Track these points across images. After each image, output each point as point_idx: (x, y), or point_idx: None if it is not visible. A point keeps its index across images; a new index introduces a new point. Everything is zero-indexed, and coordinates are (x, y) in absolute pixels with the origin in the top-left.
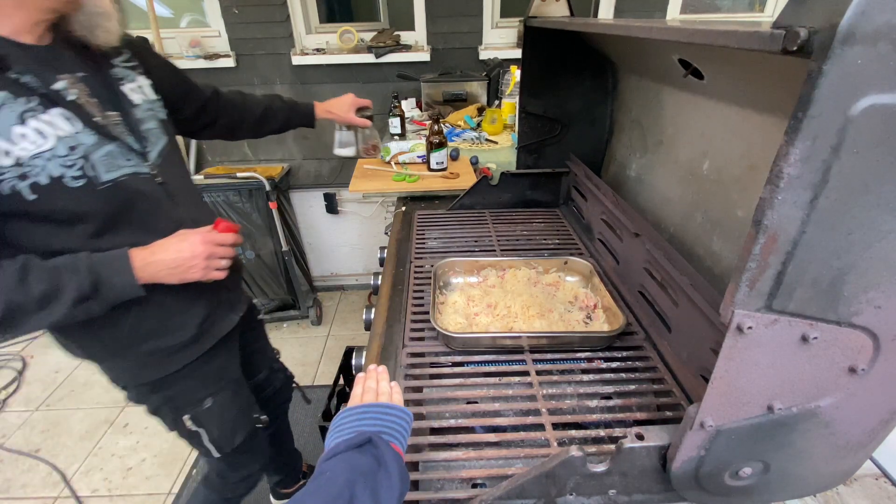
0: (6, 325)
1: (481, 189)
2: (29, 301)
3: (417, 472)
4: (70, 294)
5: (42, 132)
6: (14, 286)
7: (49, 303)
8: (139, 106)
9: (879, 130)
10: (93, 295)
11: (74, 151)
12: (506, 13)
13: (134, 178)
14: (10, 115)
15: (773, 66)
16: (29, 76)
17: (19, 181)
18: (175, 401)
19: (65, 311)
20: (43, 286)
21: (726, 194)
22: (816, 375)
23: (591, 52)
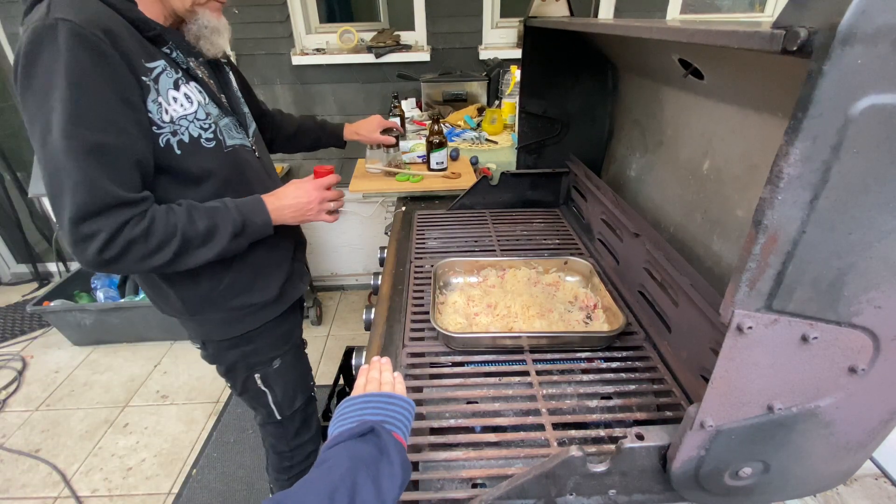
0: (180, 256)
1: (481, 189)
2: (197, 235)
3: (417, 472)
4: (226, 230)
5: (189, 97)
6: (186, 221)
7: (211, 237)
8: (237, 92)
9: (879, 130)
10: (241, 232)
11: (209, 118)
12: (506, 13)
13: (244, 149)
14: (168, 80)
15: (773, 66)
16: (177, 52)
17: (172, 137)
18: (249, 358)
19: (223, 244)
20: (206, 222)
21: (726, 194)
22: (816, 375)
23: (591, 52)
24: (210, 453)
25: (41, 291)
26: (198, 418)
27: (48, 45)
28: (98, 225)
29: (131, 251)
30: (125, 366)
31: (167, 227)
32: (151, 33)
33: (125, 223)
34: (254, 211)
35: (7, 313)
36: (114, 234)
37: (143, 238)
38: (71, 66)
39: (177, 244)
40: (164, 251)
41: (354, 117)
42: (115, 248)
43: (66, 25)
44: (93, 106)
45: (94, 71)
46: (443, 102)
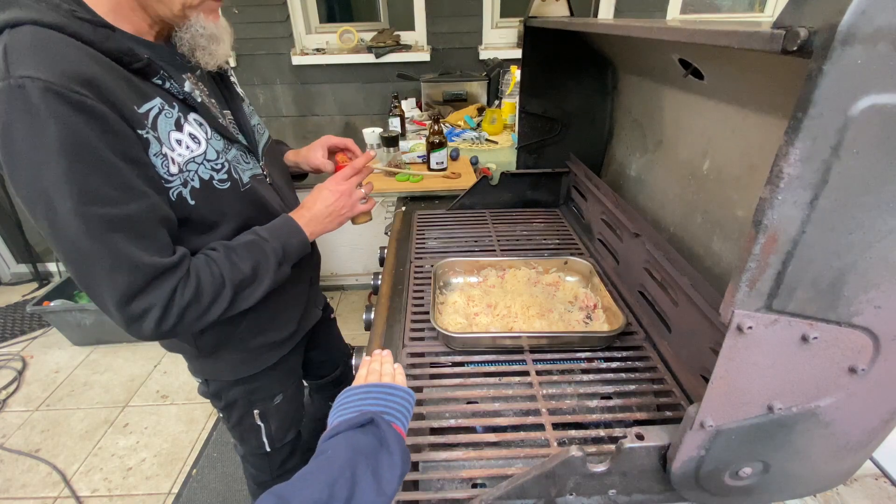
0: (235, 303)
1: (481, 189)
2: (245, 279)
3: (417, 473)
4: (270, 262)
5: (195, 137)
6: (229, 268)
7: (258, 275)
8: (245, 102)
9: (879, 130)
10: (283, 259)
11: (220, 157)
12: (506, 13)
13: (257, 180)
14: (168, 122)
15: (773, 66)
16: (169, 82)
17: (183, 188)
18: (252, 395)
19: (271, 277)
20: (249, 262)
21: (726, 194)
22: (816, 375)
23: (591, 52)
24: (210, 453)
25: (41, 291)
26: (198, 418)
27: (20, 113)
28: (148, 301)
29: (187, 315)
30: (125, 366)
31: (214, 281)
32: (138, 65)
33: (174, 291)
34: (289, 233)
35: (7, 313)
36: (167, 306)
37: (195, 300)
38: (59, 135)
39: (229, 294)
40: (218, 304)
41: (354, 117)
42: (171, 318)
43: (37, 86)
44: (99, 176)
45: (87, 135)
46: (443, 102)
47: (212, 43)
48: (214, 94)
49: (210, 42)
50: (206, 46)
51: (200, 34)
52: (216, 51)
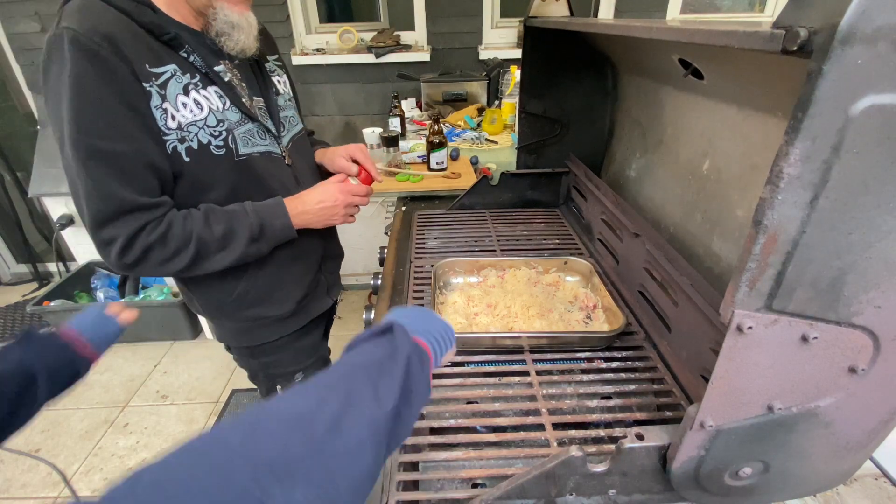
0: (198, 261)
1: (481, 189)
2: (213, 240)
3: (417, 473)
4: (244, 234)
5: (199, 103)
6: (202, 226)
7: (228, 242)
8: (282, 95)
9: (879, 130)
10: (259, 236)
11: (221, 125)
12: (506, 13)
13: (267, 157)
14: (177, 85)
15: (773, 66)
16: (195, 56)
17: (179, 144)
18: (270, 368)
19: (241, 249)
20: (223, 226)
21: (726, 194)
22: (816, 375)
23: (591, 52)
24: None
25: (41, 291)
26: (198, 418)
27: (56, 55)
28: (115, 230)
29: (150, 256)
30: (125, 366)
31: (184, 232)
32: (166, 37)
33: (141, 228)
34: (273, 214)
35: (7, 313)
36: (130, 239)
37: (160, 243)
38: (73, 75)
39: (193, 249)
40: (181, 256)
41: (354, 117)
42: (133, 252)
43: (69, 34)
44: (96, 113)
45: (94, 78)
46: (443, 102)
47: (234, 31)
48: (248, 81)
49: (232, 30)
50: (228, 33)
51: (224, 21)
52: (238, 39)
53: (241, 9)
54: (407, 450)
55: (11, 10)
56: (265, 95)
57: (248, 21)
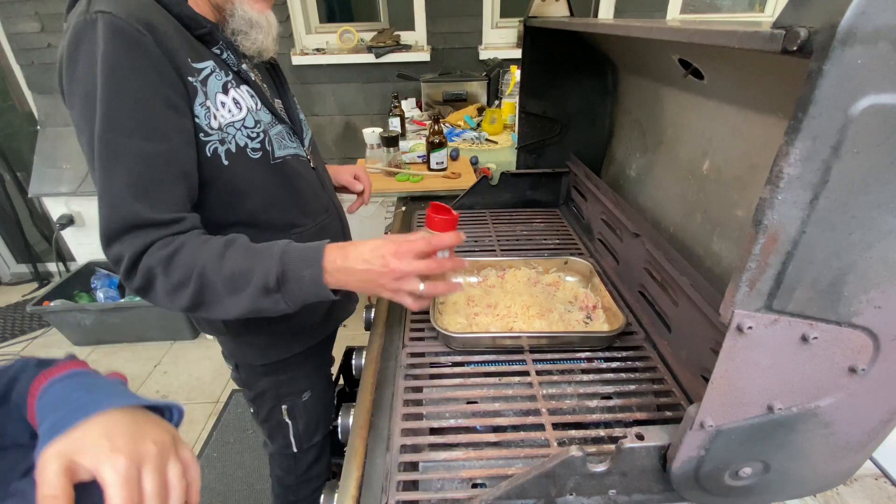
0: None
1: (481, 189)
2: (220, 279)
3: (417, 473)
4: (257, 280)
5: (238, 103)
6: (213, 259)
7: (237, 287)
8: (295, 98)
9: (879, 130)
10: (277, 287)
11: (258, 126)
12: (506, 13)
13: (296, 160)
14: (217, 83)
15: (773, 66)
16: (227, 53)
17: (220, 146)
18: (281, 387)
19: (250, 299)
20: (235, 266)
21: (726, 194)
22: (816, 375)
23: (591, 52)
24: (210, 453)
25: (41, 291)
26: (198, 418)
27: (87, 40)
28: (122, 248)
29: (154, 284)
30: (125, 366)
31: (190, 261)
32: (201, 31)
33: (145, 249)
34: (304, 261)
35: (7, 313)
36: (135, 260)
37: (162, 269)
38: (108, 62)
39: (194, 286)
40: (183, 292)
41: (354, 117)
42: (137, 276)
43: (106, 18)
44: (130, 107)
45: (133, 68)
46: (443, 102)
47: (252, 30)
48: (267, 83)
49: (250, 28)
50: (246, 32)
51: (242, 18)
52: (256, 38)
53: (262, 6)
54: (407, 450)
55: (11, 10)
56: (283, 97)
57: (267, 20)
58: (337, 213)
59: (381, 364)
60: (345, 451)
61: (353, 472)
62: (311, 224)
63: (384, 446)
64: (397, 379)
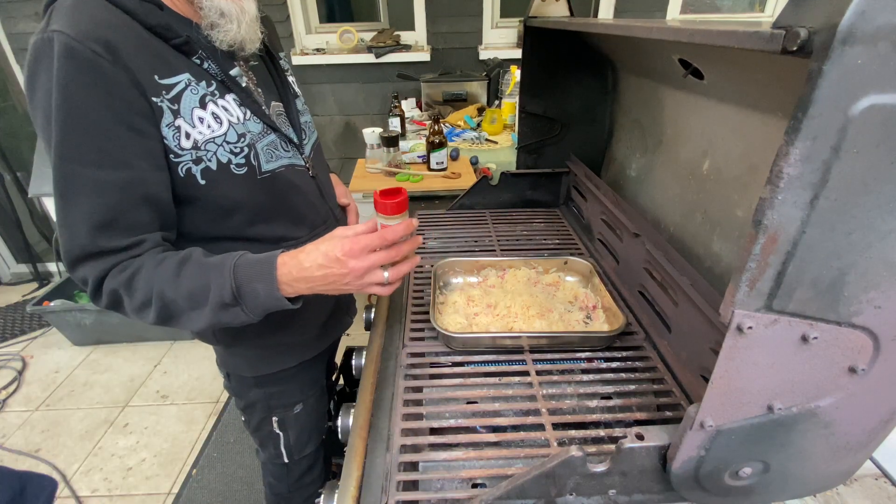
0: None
1: (481, 189)
2: (179, 297)
3: (417, 473)
4: (214, 297)
5: (218, 117)
6: (168, 279)
7: (197, 303)
8: (299, 98)
9: (879, 130)
10: (235, 301)
11: (242, 139)
12: (506, 13)
13: (291, 170)
14: (192, 98)
15: (773, 66)
16: (210, 63)
17: (194, 165)
18: (272, 399)
19: (210, 314)
20: (192, 283)
21: (726, 194)
22: (816, 375)
23: (591, 52)
24: (210, 453)
25: (41, 291)
26: (198, 418)
27: (44, 61)
28: (85, 272)
29: (121, 303)
30: (125, 366)
31: (148, 283)
32: (177, 41)
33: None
34: (257, 275)
35: (7, 313)
36: (98, 283)
37: (126, 290)
38: (62, 87)
39: (156, 307)
40: (148, 311)
41: (354, 117)
42: (103, 297)
43: (61, 39)
44: (85, 134)
45: (88, 93)
46: (443, 102)
47: (223, 19)
48: (266, 85)
49: (220, 18)
50: (218, 24)
51: (211, 8)
52: (228, 29)
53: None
54: (407, 450)
55: (11, 10)
56: (284, 99)
57: (239, 8)
58: (336, 223)
59: (381, 364)
60: (345, 451)
61: (353, 472)
62: (305, 236)
63: (384, 446)
64: (397, 379)
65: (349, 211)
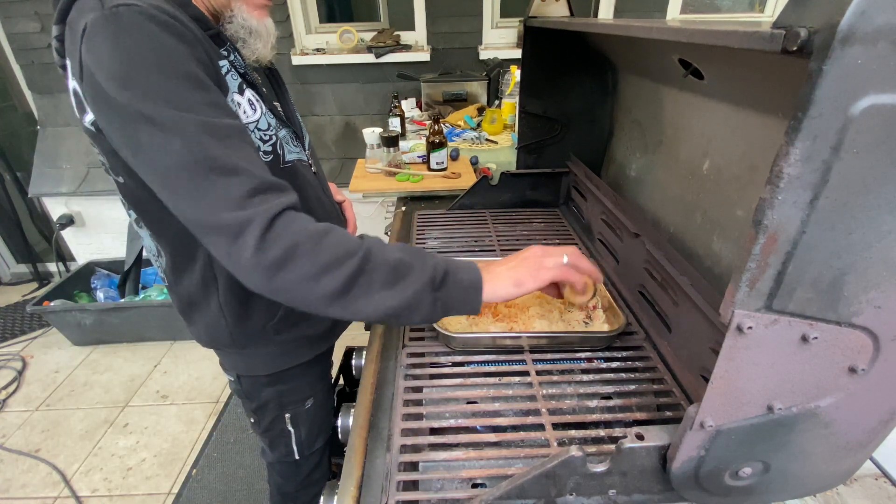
0: (352, 287)
1: (481, 189)
2: (384, 263)
3: (417, 473)
4: (424, 273)
5: (253, 104)
6: (378, 244)
7: (402, 275)
8: (292, 101)
9: (879, 130)
10: (441, 284)
11: (270, 128)
12: (506, 13)
13: (301, 164)
14: (233, 82)
15: (773, 66)
16: (234, 55)
17: None
18: (284, 396)
19: (413, 289)
20: (402, 254)
21: (726, 194)
22: (816, 375)
23: (591, 52)
24: (210, 453)
25: (41, 291)
26: (198, 418)
27: (119, 34)
28: (251, 212)
29: (296, 261)
30: (125, 366)
31: (345, 243)
32: (211, 31)
33: (281, 211)
34: (461, 267)
35: (7, 313)
36: (272, 221)
37: (312, 244)
38: (150, 47)
39: (352, 268)
40: (333, 274)
41: (354, 117)
42: (276, 246)
43: (132, 10)
44: (193, 89)
45: (176, 50)
46: (443, 102)
47: (251, 37)
48: (266, 87)
49: (249, 36)
50: (245, 39)
51: (241, 25)
52: (256, 47)
53: (261, 13)
54: (407, 450)
55: (11, 10)
56: (282, 100)
57: (266, 28)
58: (338, 219)
59: (381, 364)
60: (345, 451)
61: (353, 472)
62: None
63: (384, 446)
64: (397, 379)
65: (346, 207)
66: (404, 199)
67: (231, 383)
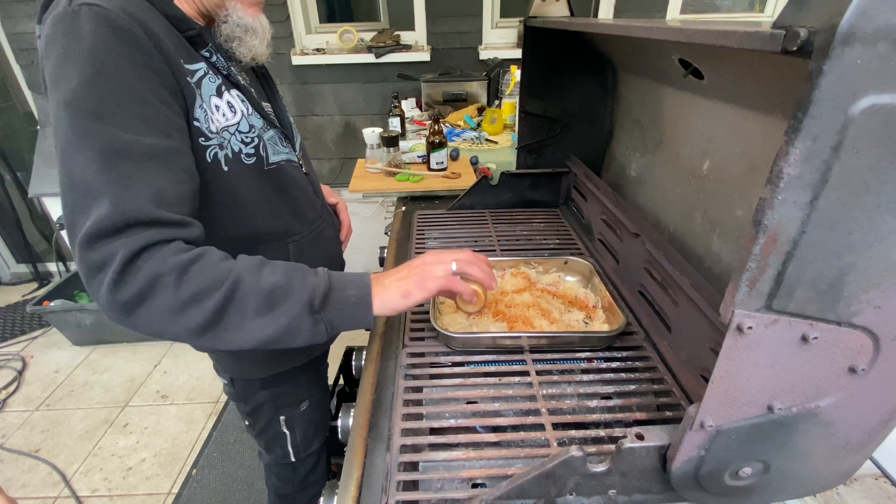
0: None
1: (481, 189)
2: (256, 290)
3: (417, 473)
4: (301, 296)
5: (232, 106)
6: (251, 269)
7: (276, 302)
8: (283, 99)
9: (879, 130)
10: (321, 307)
11: (252, 130)
12: (506, 13)
13: (289, 165)
14: (210, 85)
15: (773, 66)
16: (216, 56)
17: (219, 150)
18: (279, 399)
19: (290, 315)
20: (277, 278)
21: (726, 194)
22: (816, 375)
23: (591, 52)
24: (210, 453)
25: (41, 291)
26: (198, 418)
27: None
28: (112, 248)
29: (158, 294)
30: (125, 366)
31: (211, 273)
32: (190, 33)
33: (148, 247)
34: (349, 282)
35: (7, 313)
36: (131, 259)
37: (176, 276)
38: (94, 51)
39: (219, 298)
40: (200, 307)
41: (354, 117)
42: (135, 282)
43: (93, 9)
44: (125, 100)
45: (124, 59)
46: (443, 102)
47: (248, 36)
48: (255, 87)
49: (245, 34)
50: (241, 38)
51: (237, 24)
52: (252, 44)
53: (255, 11)
54: (407, 450)
55: (11, 10)
56: (272, 100)
57: (261, 25)
58: (330, 219)
59: (381, 364)
60: (345, 451)
61: (353, 472)
62: (307, 231)
63: (384, 446)
64: (397, 379)
65: (340, 209)
66: (404, 199)
67: (225, 386)
